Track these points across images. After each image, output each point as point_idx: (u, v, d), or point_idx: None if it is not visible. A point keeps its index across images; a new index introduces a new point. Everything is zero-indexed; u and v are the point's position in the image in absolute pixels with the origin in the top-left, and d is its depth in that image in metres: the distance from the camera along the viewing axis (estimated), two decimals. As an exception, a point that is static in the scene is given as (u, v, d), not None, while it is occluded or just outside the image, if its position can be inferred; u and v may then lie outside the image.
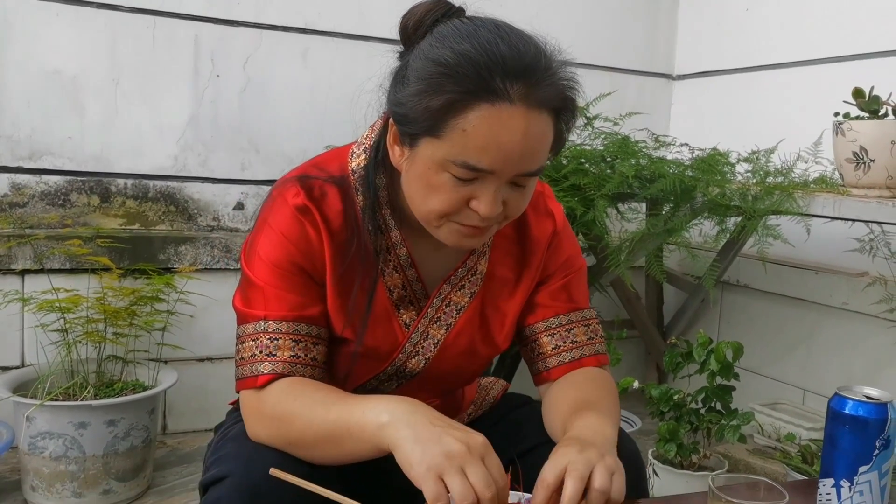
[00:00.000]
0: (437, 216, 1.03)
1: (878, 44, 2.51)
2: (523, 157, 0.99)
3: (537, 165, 1.02)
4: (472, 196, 1.01)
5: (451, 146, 0.97)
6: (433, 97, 0.97)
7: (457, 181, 1.00)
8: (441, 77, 0.97)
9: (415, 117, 0.99)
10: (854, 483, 0.99)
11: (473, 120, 0.96)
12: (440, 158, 0.99)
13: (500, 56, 0.96)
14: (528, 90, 0.96)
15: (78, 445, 2.04)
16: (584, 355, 1.22)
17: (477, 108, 0.95)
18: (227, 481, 0.99)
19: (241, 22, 2.67)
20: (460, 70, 0.96)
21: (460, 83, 0.95)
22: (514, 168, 0.99)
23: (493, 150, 0.97)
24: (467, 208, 1.02)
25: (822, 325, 2.64)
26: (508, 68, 0.96)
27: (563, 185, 2.17)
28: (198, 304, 2.45)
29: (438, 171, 1.00)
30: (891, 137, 1.98)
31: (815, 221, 2.22)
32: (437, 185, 1.01)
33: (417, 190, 1.04)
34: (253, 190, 2.75)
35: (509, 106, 0.96)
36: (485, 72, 0.95)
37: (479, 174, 0.99)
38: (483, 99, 0.95)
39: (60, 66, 2.48)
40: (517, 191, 1.04)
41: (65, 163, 2.51)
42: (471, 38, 0.98)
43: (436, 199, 1.02)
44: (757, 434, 2.62)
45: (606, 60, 3.22)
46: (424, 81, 0.98)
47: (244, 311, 1.11)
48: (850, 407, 0.99)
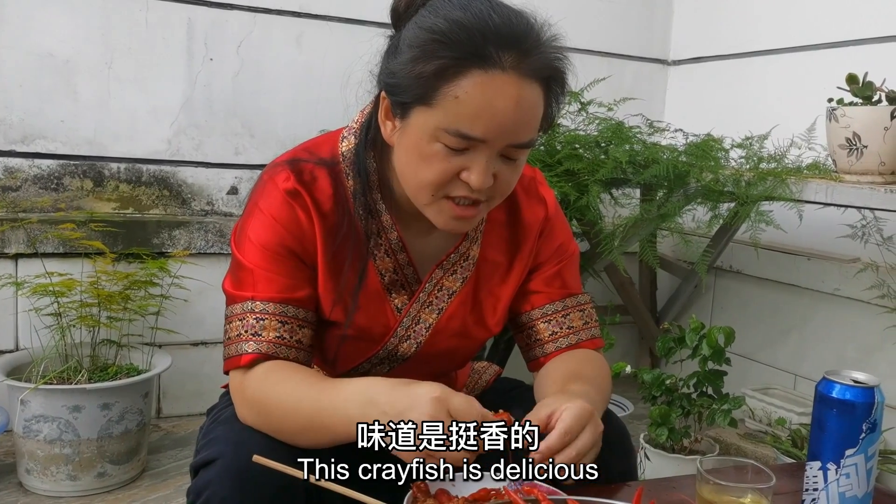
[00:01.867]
0: (429, 189, 1.03)
1: (873, 30, 2.51)
2: (517, 125, 0.99)
3: (528, 137, 1.02)
4: (463, 167, 1.01)
5: (443, 114, 0.98)
6: (426, 63, 0.97)
7: (449, 151, 1.00)
8: (433, 43, 0.97)
9: (407, 85, 1.00)
10: (841, 466, 0.99)
11: (466, 87, 0.96)
12: (432, 127, 0.99)
13: (493, 25, 0.97)
14: (520, 59, 0.97)
15: (72, 429, 2.05)
16: (580, 340, 1.23)
17: (469, 75, 0.96)
18: (216, 463, 1.00)
19: (234, 5, 2.65)
20: (453, 36, 0.96)
21: (453, 49, 0.96)
22: (506, 137, 0.99)
23: (487, 117, 0.97)
24: (458, 180, 1.02)
25: (814, 311, 2.66)
26: (501, 37, 0.96)
27: (557, 170, 2.17)
28: (192, 289, 2.45)
29: (430, 140, 1.00)
30: (884, 124, 1.98)
31: (808, 207, 2.23)
32: (428, 155, 1.01)
33: (409, 162, 1.04)
34: (247, 174, 2.75)
35: (501, 73, 0.96)
36: (478, 38, 0.96)
37: (471, 143, 0.99)
38: (476, 65, 0.96)
39: (53, 50, 2.46)
40: (508, 164, 1.04)
41: (58, 146, 2.50)
42: (464, 8, 0.99)
43: (427, 170, 1.02)
44: (748, 418, 2.64)
45: (602, 46, 3.21)
46: (417, 48, 0.99)
47: (233, 293, 1.11)
48: (837, 391, 0.99)
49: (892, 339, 2.36)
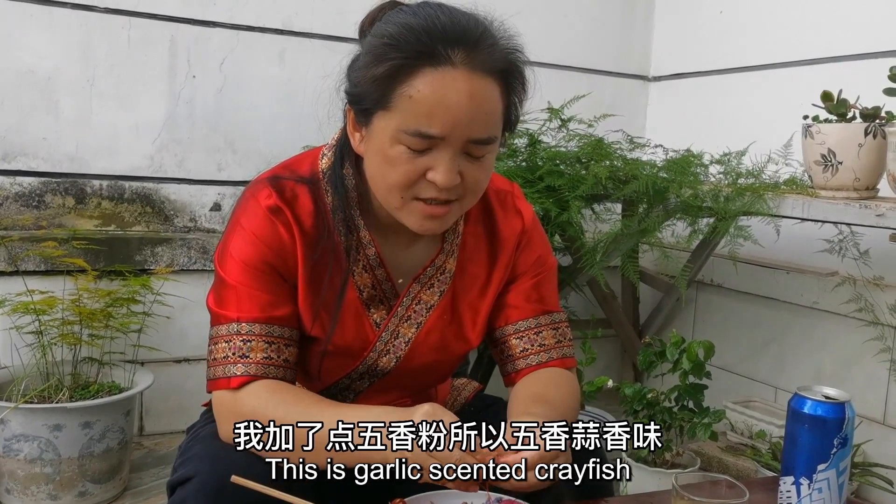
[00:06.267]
0: (397, 191, 1.05)
1: (847, 48, 2.55)
2: (471, 120, 1.01)
3: (487, 133, 1.04)
4: (428, 167, 1.03)
5: (401, 116, 1.01)
6: (378, 66, 1.01)
7: (411, 153, 1.02)
8: (384, 47, 1.01)
9: (365, 91, 1.03)
10: (813, 481, 1.01)
11: (418, 85, 0.99)
12: (393, 130, 1.02)
13: (441, 25, 1.01)
14: (469, 55, 1.01)
15: (53, 448, 2.04)
16: (551, 358, 1.24)
17: (421, 74, 0.99)
18: (193, 481, 1.00)
19: (217, 23, 2.67)
20: (402, 38, 1.00)
21: (402, 50, 1.00)
22: (463, 132, 1.02)
23: (441, 113, 1.00)
24: (425, 181, 1.04)
25: (793, 324, 2.68)
26: (449, 35, 1.00)
27: (538, 186, 2.19)
28: (174, 305, 2.45)
29: (393, 143, 1.03)
30: (858, 140, 2.01)
31: (787, 222, 2.25)
32: (392, 158, 1.03)
33: (376, 167, 1.07)
34: (230, 190, 2.75)
35: (452, 69, 1.00)
36: (425, 38, 1.00)
37: (432, 142, 1.02)
38: (426, 63, 0.99)
39: (34, 67, 2.46)
40: (473, 162, 1.06)
41: (39, 164, 2.50)
42: (413, 14, 1.03)
43: (393, 172, 1.04)
44: (730, 431, 2.66)
45: (583, 62, 3.24)
46: (370, 54, 1.03)
47: (217, 312, 1.12)
48: (808, 406, 1.01)
49: (870, 351, 2.38)
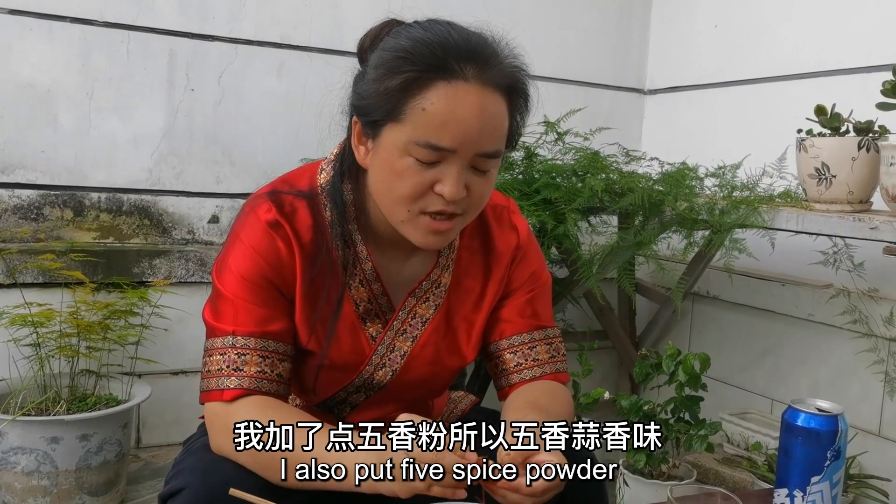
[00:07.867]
0: (405, 203, 1.06)
1: (841, 62, 2.57)
2: (482, 134, 1.03)
3: (495, 146, 1.06)
4: (436, 179, 1.05)
5: (413, 128, 1.02)
6: (392, 78, 1.03)
7: (420, 165, 1.04)
8: (398, 60, 1.03)
9: (376, 103, 1.04)
10: (807, 493, 1.02)
11: (432, 98, 1.01)
12: (403, 142, 1.03)
13: (454, 41, 1.03)
14: (480, 70, 1.03)
15: (50, 460, 2.04)
16: (544, 373, 1.25)
17: (434, 87, 1.01)
18: (184, 493, 1.01)
19: (215, 36, 2.68)
20: (416, 52, 1.02)
21: (417, 63, 1.02)
22: (473, 146, 1.03)
23: (453, 126, 1.01)
24: (433, 194, 1.05)
25: (788, 336, 2.69)
26: (461, 51, 1.03)
27: (534, 199, 2.20)
28: (172, 318, 2.45)
29: (402, 155, 1.04)
30: (851, 154, 2.03)
31: (781, 235, 2.27)
32: (401, 170, 1.04)
33: (383, 179, 1.08)
34: (227, 203, 2.76)
35: (465, 83, 1.02)
36: (439, 52, 1.02)
37: (442, 155, 1.03)
38: (440, 77, 1.01)
39: (33, 80, 2.48)
40: (480, 176, 1.08)
41: (38, 176, 2.51)
42: (425, 29, 1.06)
43: (401, 184, 1.05)
44: (726, 443, 2.66)
45: (579, 75, 3.26)
46: (383, 67, 1.04)
47: (213, 325, 1.13)
48: (802, 419, 1.02)
49: (865, 363, 2.40)
